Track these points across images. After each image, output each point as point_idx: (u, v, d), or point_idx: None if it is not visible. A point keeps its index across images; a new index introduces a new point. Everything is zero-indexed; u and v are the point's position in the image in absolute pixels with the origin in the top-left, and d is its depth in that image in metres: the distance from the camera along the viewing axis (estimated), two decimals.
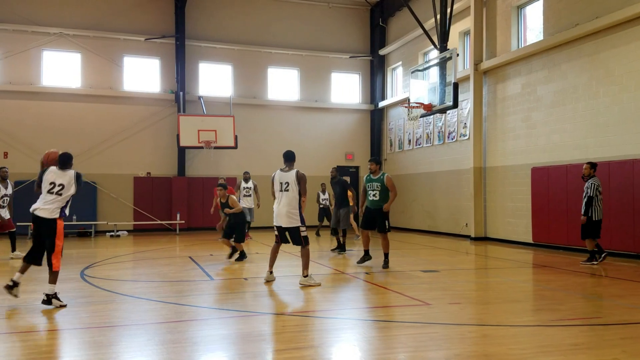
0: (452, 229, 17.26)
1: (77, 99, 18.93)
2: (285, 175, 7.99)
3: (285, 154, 8.20)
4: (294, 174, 7.91)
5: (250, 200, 15.42)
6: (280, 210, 7.97)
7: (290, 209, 7.89)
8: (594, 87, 12.19)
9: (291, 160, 8.12)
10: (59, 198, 6.72)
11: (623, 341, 4.98)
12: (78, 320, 5.98)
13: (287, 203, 7.89)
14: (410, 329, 5.67)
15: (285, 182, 7.93)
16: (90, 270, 9.77)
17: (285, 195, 7.93)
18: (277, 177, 8.07)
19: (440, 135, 18.02)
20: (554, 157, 13.23)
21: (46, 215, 6.60)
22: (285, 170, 8.05)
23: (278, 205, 8.01)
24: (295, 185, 7.88)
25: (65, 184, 6.80)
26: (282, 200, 7.95)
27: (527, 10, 14.85)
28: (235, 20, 20.73)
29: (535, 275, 9.75)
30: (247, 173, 15.70)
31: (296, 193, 7.88)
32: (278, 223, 8.05)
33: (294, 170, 7.98)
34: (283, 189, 7.95)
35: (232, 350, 4.89)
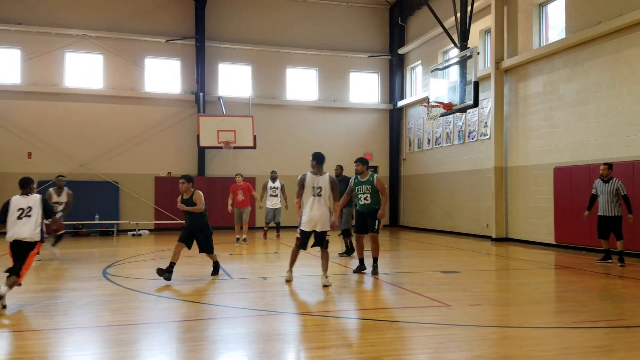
0: (472, 230, 17.10)
1: (99, 99, 19.21)
2: (318, 179, 7.76)
3: (318, 156, 7.94)
4: (328, 179, 7.74)
5: (277, 200, 15.21)
6: (314, 215, 7.71)
7: (324, 215, 7.72)
8: (617, 86, 11.98)
9: (323, 163, 7.93)
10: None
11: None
12: (100, 318, 6.06)
13: (321, 208, 7.69)
14: (430, 330, 5.63)
15: (317, 187, 7.70)
16: (113, 268, 9.90)
17: (318, 200, 7.70)
18: (308, 180, 7.79)
19: (460, 135, 17.87)
20: (577, 157, 13.03)
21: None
22: (317, 174, 7.81)
23: (310, 210, 7.72)
24: (329, 190, 7.72)
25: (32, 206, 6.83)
26: (315, 205, 7.70)
27: (548, 8, 14.66)
28: (254, 20, 20.82)
29: (557, 277, 9.62)
30: (275, 172, 15.52)
31: (327, 198, 7.73)
32: (311, 228, 7.78)
33: (326, 174, 7.80)
34: (316, 193, 7.70)
35: (251, 349, 4.91)
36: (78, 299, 7.14)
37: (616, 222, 10.33)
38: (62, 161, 18.74)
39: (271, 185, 15.19)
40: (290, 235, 11.74)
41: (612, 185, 10.32)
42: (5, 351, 4.87)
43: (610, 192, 10.32)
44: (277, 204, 15.22)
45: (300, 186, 7.81)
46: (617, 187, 10.26)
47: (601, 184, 10.50)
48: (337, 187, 7.73)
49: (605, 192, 10.40)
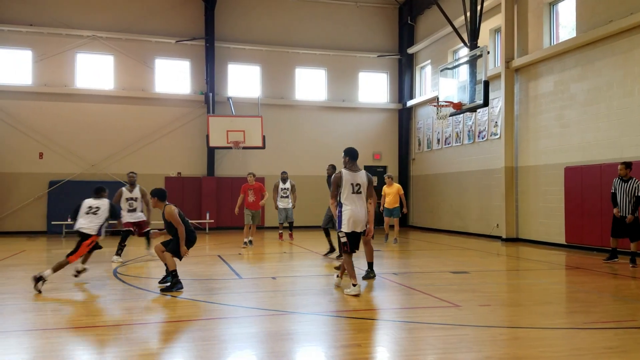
0: (482, 230, 17.02)
1: (110, 100, 19.33)
2: (356, 176, 7.30)
3: (350, 152, 7.46)
4: (365, 176, 7.35)
5: (287, 201, 15.27)
6: (360, 215, 7.26)
7: (366, 212, 7.34)
8: (629, 85, 11.87)
9: (357, 158, 7.47)
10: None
11: None
12: (110, 317, 6.10)
13: (362, 206, 7.29)
14: (439, 330, 5.61)
15: (356, 184, 7.27)
16: (123, 268, 9.96)
17: (359, 198, 7.28)
18: (346, 177, 7.29)
19: (470, 135, 17.79)
20: (588, 157, 12.93)
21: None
22: (354, 170, 7.35)
23: (354, 208, 7.22)
24: (366, 188, 7.34)
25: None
26: (358, 203, 7.27)
27: (559, 6, 14.55)
28: (263, 21, 20.86)
29: (568, 277, 9.55)
30: (285, 173, 15.54)
31: (365, 195, 7.34)
32: (358, 229, 7.27)
33: (363, 170, 7.42)
34: (355, 190, 7.26)
35: (260, 348, 4.92)
36: (88, 298, 7.18)
37: (633, 223, 10.09)
38: (73, 161, 18.89)
39: (282, 187, 15.22)
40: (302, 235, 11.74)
41: (630, 185, 10.13)
42: (14, 350, 4.91)
43: (628, 193, 10.12)
44: (288, 203, 15.25)
45: (336, 185, 7.33)
46: (634, 187, 10.05)
47: (620, 183, 10.30)
48: (373, 185, 7.40)
49: (623, 192, 10.20)
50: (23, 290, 7.59)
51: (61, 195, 18.34)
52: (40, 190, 18.50)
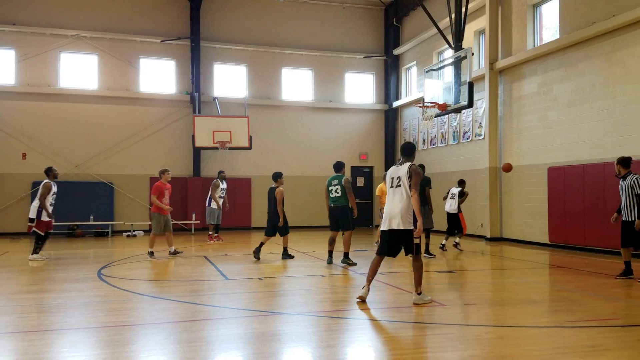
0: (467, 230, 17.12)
1: (94, 100, 19.16)
2: (398, 170, 6.75)
3: (402, 146, 6.98)
4: (407, 168, 6.62)
5: (221, 202, 15.35)
6: (393, 210, 6.64)
7: (404, 209, 6.57)
8: (611, 86, 12.04)
9: (409, 154, 6.86)
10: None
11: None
12: (95, 319, 6.04)
13: (400, 201, 6.59)
14: (425, 329, 5.65)
15: (397, 177, 6.70)
16: (107, 269, 9.87)
17: (397, 192, 6.66)
18: (390, 172, 6.88)
19: (455, 135, 17.92)
20: (571, 157, 13.09)
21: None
22: (399, 164, 6.86)
23: (389, 204, 6.73)
24: (407, 180, 6.57)
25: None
26: (394, 197, 6.68)
27: (542, 8, 14.72)
28: (249, 21, 20.81)
29: (552, 276, 9.65)
30: (223, 172, 15.72)
31: (408, 189, 6.57)
32: (388, 226, 6.68)
33: (408, 163, 6.71)
34: (394, 184, 6.72)
35: (247, 349, 4.91)
36: (73, 299, 7.12)
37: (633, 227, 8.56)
38: (57, 162, 18.65)
39: (222, 187, 15.32)
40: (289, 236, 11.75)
41: (627, 182, 8.61)
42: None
43: (625, 190, 8.62)
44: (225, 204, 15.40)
45: (385, 181, 6.95)
46: (631, 184, 8.53)
47: (620, 183, 8.81)
48: (418, 176, 6.62)
49: (623, 191, 8.70)
50: (7, 292, 7.49)
51: None
52: (24, 191, 18.27)
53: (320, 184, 20.36)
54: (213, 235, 15.43)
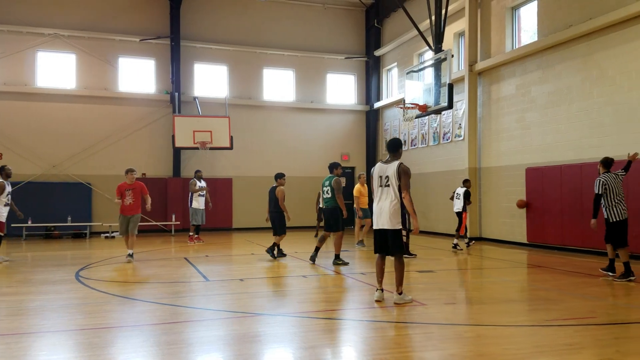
0: (447, 230, 17.28)
1: (72, 99, 18.89)
2: (385, 168, 6.72)
3: (388, 143, 6.91)
4: (396, 167, 6.61)
5: (203, 200, 15.16)
6: (381, 209, 6.69)
7: (392, 208, 6.59)
8: (587, 88, 12.25)
9: (395, 150, 6.82)
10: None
11: (617, 341, 5.01)
12: (73, 321, 5.96)
13: (388, 200, 6.62)
14: (406, 329, 5.69)
15: (385, 176, 6.69)
16: (85, 271, 9.74)
17: (385, 192, 6.68)
18: (377, 170, 6.84)
19: (435, 136, 18.06)
20: (548, 158, 13.28)
21: None
22: (387, 162, 6.80)
23: (377, 203, 6.75)
24: (396, 180, 6.58)
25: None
26: (382, 197, 6.69)
27: (521, 11, 14.91)
28: (230, 21, 20.73)
29: (530, 275, 9.78)
30: (200, 171, 15.60)
31: (397, 188, 6.60)
32: (379, 225, 6.73)
33: (397, 162, 6.69)
34: (383, 183, 6.71)
35: (227, 351, 4.88)
36: (50, 302, 7.01)
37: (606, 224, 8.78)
38: (34, 162, 18.39)
39: (200, 185, 15.15)
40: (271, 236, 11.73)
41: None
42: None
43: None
44: (203, 204, 15.21)
45: (371, 179, 6.95)
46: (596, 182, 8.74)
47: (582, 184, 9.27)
48: (407, 176, 6.62)
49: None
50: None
51: (22, 197, 17.82)
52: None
53: (303, 185, 20.48)
54: (193, 237, 15.30)
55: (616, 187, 8.63)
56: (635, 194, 10.95)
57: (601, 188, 8.65)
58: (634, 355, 4.55)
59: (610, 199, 8.63)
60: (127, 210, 11.02)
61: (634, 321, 5.79)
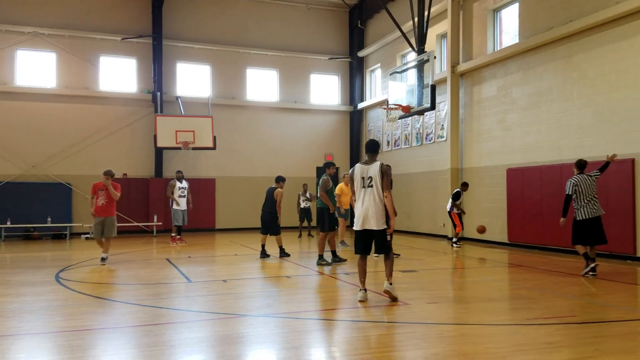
0: (430, 230, 17.40)
1: (52, 99, 18.64)
2: (367, 169, 6.79)
3: (368, 144, 7.00)
4: (378, 167, 6.73)
5: (184, 201, 15.00)
6: (367, 211, 6.72)
7: (378, 208, 6.68)
8: (568, 89, 12.41)
9: (375, 152, 6.95)
10: None
11: (596, 339, 5.08)
12: (53, 323, 5.88)
13: (373, 201, 6.68)
14: (389, 328, 5.71)
15: (368, 177, 6.75)
16: (66, 273, 9.61)
17: (369, 192, 6.72)
18: (357, 171, 6.88)
19: (418, 137, 18.17)
20: (529, 159, 13.43)
21: None
22: (367, 163, 6.86)
23: (361, 205, 6.78)
24: (379, 180, 6.70)
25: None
26: (367, 198, 6.73)
27: (502, 13, 15.07)
28: (213, 20, 20.63)
29: (511, 275, 9.88)
30: (180, 172, 15.42)
31: (380, 189, 6.70)
32: (364, 226, 6.76)
33: (378, 162, 6.81)
34: (366, 184, 6.76)
35: (210, 353, 4.85)
36: (30, 304, 6.91)
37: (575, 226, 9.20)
38: (13, 162, 18.10)
39: (180, 186, 15.00)
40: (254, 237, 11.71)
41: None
42: None
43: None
44: (184, 205, 15.02)
45: (351, 180, 6.99)
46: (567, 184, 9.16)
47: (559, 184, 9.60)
48: (389, 176, 6.81)
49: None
50: None
51: (0, 198, 17.56)
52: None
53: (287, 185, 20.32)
54: (176, 237, 15.17)
55: (588, 188, 8.95)
56: (615, 194, 11.14)
57: (572, 189, 8.99)
58: (612, 353, 4.62)
59: (580, 199, 8.95)
60: (99, 211, 10.69)
61: (613, 320, 5.89)
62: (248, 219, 20.08)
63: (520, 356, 4.54)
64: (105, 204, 10.76)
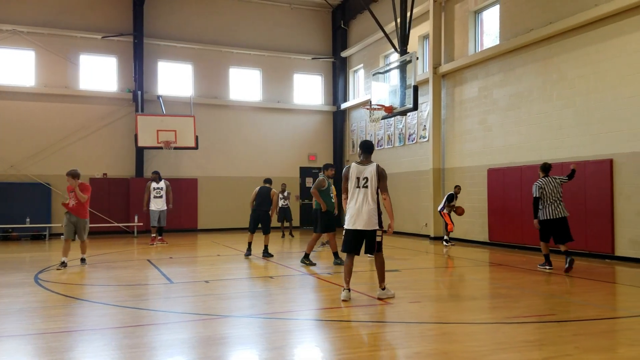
0: (412, 229, 17.50)
1: (31, 97, 18.36)
2: (363, 169, 6.85)
3: (365, 145, 7.07)
4: (375, 168, 6.83)
5: (162, 202, 14.83)
6: (359, 210, 6.77)
7: (371, 209, 6.76)
8: (547, 91, 12.58)
9: (370, 152, 7.05)
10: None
11: (575, 337, 5.15)
12: (32, 325, 5.79)
13: (367, 202, 6.75)
14: (371, 328, 5.73)
15: (363, 177, 6.81)
16: (45, 274, 9.47)
17: (363, 193, 6.78)
18: (353, 170, 6.91)
19: (401, 137, 18.25)
20: (510, 159, 13.58)
21: None
22: (362, 163, 6.93)
23: (354, 204, 6.82)
24: (375, 181, 6.78)
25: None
26: (360, 198, 6.78)
27: (484, 15, 15.21)
28: (195, 19, 20.49)
29: (492, 274, 9.98)
30: (156, 172, 15.24)
31: (375, 190, 6.80)
32: (355, 226, 6.82)
33: (374, 163, 6.91)
34: (361, 184, 6.81)
35: (192, 354, 4.82)
36: (8, 305, 6.79)
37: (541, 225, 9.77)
38: None
39: (155, 186, 14.83)
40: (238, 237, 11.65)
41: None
42: None
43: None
44: (162, 205, 14.84)
45: (345, 178, 6.97)
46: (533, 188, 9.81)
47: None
48: (386, 178, 6.87)
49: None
50: None
51: None
52: None
53: None
54: (155, 238, 15.01)
55: (552, 190, 9.55)
56: (594, 194, 11.32)
57: (538, 191, 9.61)
58: (591, 351, 4.69)
59: (545, 200, 9.55)
60: (73, 210, 10.36)
61: (592, 318, 5.98)
62: (230, 219, 20.01)
63: (500, 354, 4.59)
64: (75, 205, 10.33)
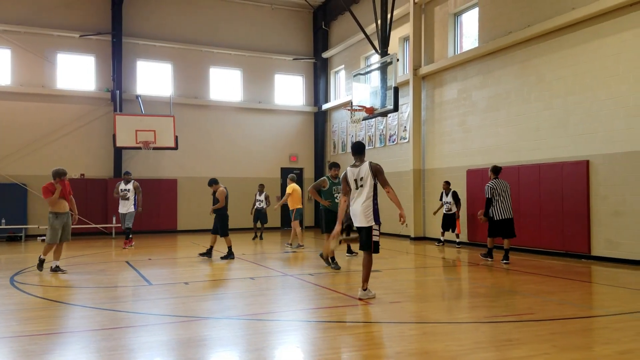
0: (393, 230, 17.55)
1: (6, 97, 18.02)
2: (358, 171, 6.97)
3: (354, 146, 7.20)
4: (368, 166, 6.91)
5: (128, 203, 14.41)
6: (355, 209, 6.96)
7: (364, 207, 6.87)
8: (525, 93, 12.75)
9: (361, 153, 7.14)
10: None
11: (553, 336, 5.22)
12: (8, 328, 5.68)
13: (360, 200, 6.90)
14: (352, 328, 5.74)
15: (360, 178, 6.92)
16: (21, 276, 9.31)
17: (359, 192, 6.95)
18: (349, 174, 7.04)
19: (382, 138, 18.33)
20: (488, 160, 13.72)
21: None
22: (356, 166, 7.05)
23: (353, 203, 7.02)
24: (371, 179, 6.88)
25: None
26: (357, 197, 6.96)
27: (463, 17, 15.36)
28: (175, 18, 20.33)
29: (471, 274, 10.07)
30: (127, 173, 14.96)
31: (371, 188, 6.88)
32: (355, 223, 7.07)
33: (366, 162, 6.99)
34: (359, 185, 6.95)
35: (171, 356, 4.77)
36: None
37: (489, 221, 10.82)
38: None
39: (122, 188, 14.50)
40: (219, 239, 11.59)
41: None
42: None
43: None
44: (129, 207, 14.47)
45: (345, 183, 7.12)
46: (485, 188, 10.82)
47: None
48: (382, 172, 6.94)
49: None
50: None
51: None
52: None
53: (250, 186, 20.25)
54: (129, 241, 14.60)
55: (502, 191, 10.57)
56: (570, 195, 11.49)
57: (490, 192, 10.57)
58: (569, 349, 4.76)
59: (495, 200, 10.53)
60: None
61: (569, 317, 6.07)
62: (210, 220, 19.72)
63: (480, 353, 4.63)
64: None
